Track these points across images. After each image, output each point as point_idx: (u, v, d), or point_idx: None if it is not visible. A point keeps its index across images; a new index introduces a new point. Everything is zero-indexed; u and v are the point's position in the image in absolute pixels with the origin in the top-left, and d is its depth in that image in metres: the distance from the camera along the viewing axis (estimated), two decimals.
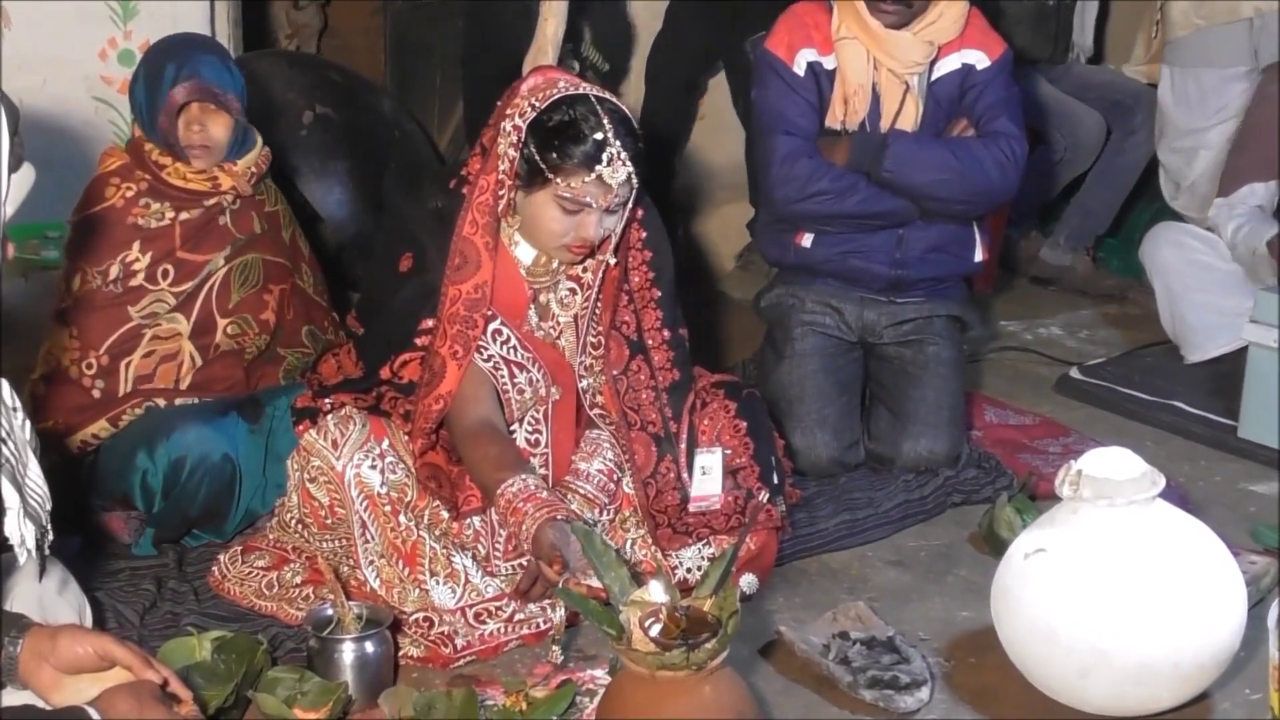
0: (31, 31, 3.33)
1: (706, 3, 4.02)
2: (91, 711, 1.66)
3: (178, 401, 2.64)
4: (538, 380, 2.45)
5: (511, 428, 2.45)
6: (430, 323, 2.38)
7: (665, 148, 4.15)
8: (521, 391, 2.44)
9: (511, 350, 2.43)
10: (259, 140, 2.74)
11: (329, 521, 2.41)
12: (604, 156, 2.27)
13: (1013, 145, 2.98)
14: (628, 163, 2.28)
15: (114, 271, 2.62)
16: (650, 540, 2.46)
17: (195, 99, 2.61)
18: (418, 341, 2.39)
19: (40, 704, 1.72)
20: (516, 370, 2.43)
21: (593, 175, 2.27)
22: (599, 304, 2.47)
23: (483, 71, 3.70)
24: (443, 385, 2.35)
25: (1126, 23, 4.70)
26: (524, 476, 2.27)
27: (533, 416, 2.48)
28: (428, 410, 2.36)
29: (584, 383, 2.49)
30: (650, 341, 2.51)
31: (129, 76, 3.39)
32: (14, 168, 1.57)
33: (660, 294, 2.52)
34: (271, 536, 2.52)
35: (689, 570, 2.45)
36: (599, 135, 2.27)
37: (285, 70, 3.58)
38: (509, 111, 2.34)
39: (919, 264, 3.05)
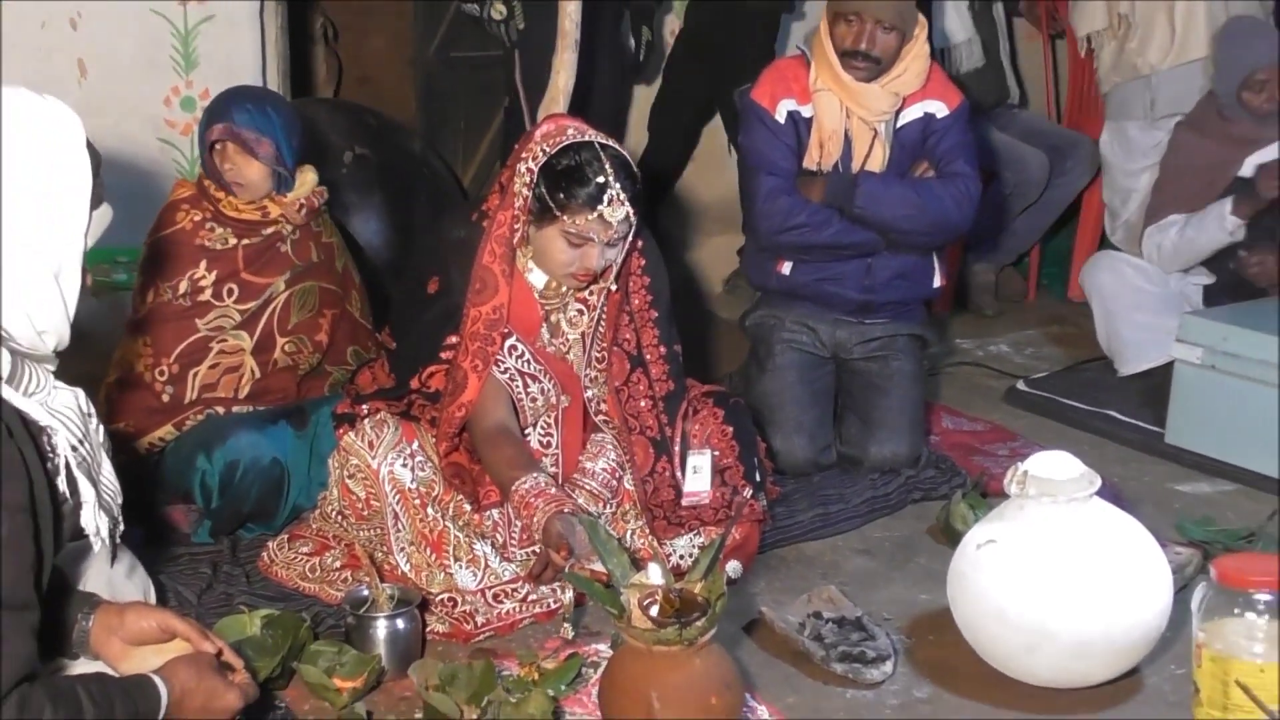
0: (105, 80, 3.34)
1: (702, 62, 4.04)
2: (156, 679, 1.67)
3: (234, 409, 2.65)
4: (548, 390, 2.46)
5: (526, 431, 2.46)
6: (454, 339, 2.38)
7: (662, 188, 4.17)
8: (534, 400, 2.44)
9: (525, 363, 2.43)
10: (309, 178, 2.73)
11: (365, 513, 2.41)
12: (605, 197, 2.27)
13: (969, 184, 2.99)
14: (626, 202, 2.29)
15: (183, 286, 2.62)
16: (648, 530, 2.46)
17: (225, 139, 2.61)
18: (443, 355, 2.40)
19: (110, 672, 1.72)
20: (530, 381, 2.44)
21: (595, 213, 2.28)
22: (603, 323, 2.48)
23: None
24: (465, 395, 2.35)
25: (1034, 72, 4.73)
26: (536, 475, 2.27)
27: (545, 421, 2.49)
28: (451, 417, 2.36)
29: (590, 392, 2.49)
30: (648, 356, 2.52)
31: (190, 120, 3.43)
32: (94, 205, 1.59)
33: (657, 314, 2.53)
34: (314, 526, 2.52)
35: (682, 557, 2.46)
36: (601, 178, 2.27)
37: (328, 115, 3.59)
38: (524, 155, 2.35)
39: (885, 289, 3.06)
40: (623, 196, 2.28)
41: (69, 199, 1.53)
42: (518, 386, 2.42)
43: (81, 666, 1.81)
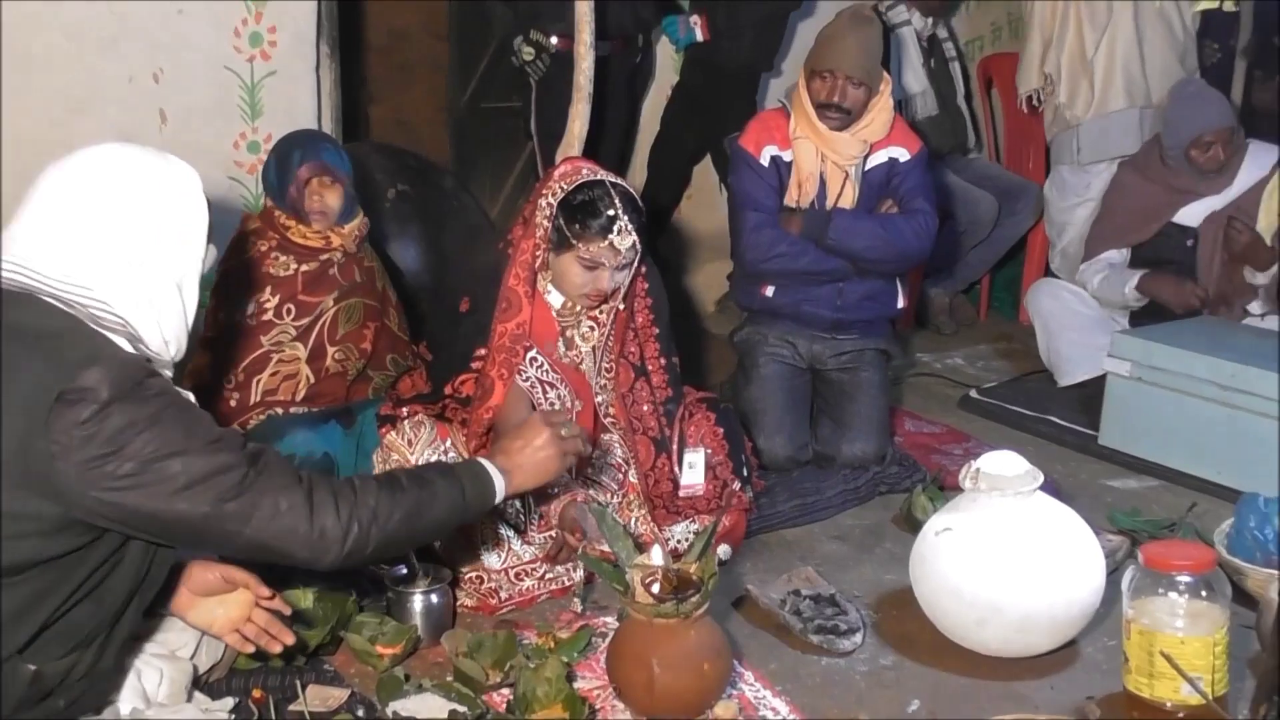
0: (183, 126, 3.34)
1: (694, 113, 4.07)
2: (491, 471, 1.79)
3: (292, 410, 2.64)
4: (564, 395, 2.45)
5: None
6: (482, 351, 2.38)
7: (661, 221, 4.18)
8: (552, 404, 2.44)
9: (544, 373, 2.43)
10: (360, 210, 2.74)
11: None
12: (615, 228, 2.27)
13: (927, 220, 2.99)
14: (632, 232, 2.29)
15: (250, 308, 2.62)
16: (649, 518, 2.46)
17: (316, 174, 2.62)
18: (473, 365, 2.39)
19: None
20: (548, 388, 2.43)
21: (605, 241, 2.28)
22: (611, 338, 2.47)
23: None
24: (492, 399, 2.35)
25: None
26: None
27: None
28: (479, 419, 2.35)
29: (600, 398, 2.49)
30: (650, 367, 2.51)
31: (255, 161, 3.43)
32: (207, 240, 1.66)
33: (659, 330, 2.52)
34: None
35: (679, 541, 2.45)
36: (611, 211, 2.27)
37: (374, 156, 3.58)
38: (544, 191, 2.35)
39: (855, 309, 3.06)
40: (630, 227, 2.28)
41: (190, 231, 1.61)
42: (537, 393, 2.42)
43: (170, 627, 1.81)
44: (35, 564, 1.48)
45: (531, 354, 2.40)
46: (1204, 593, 1.93)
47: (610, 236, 2.27)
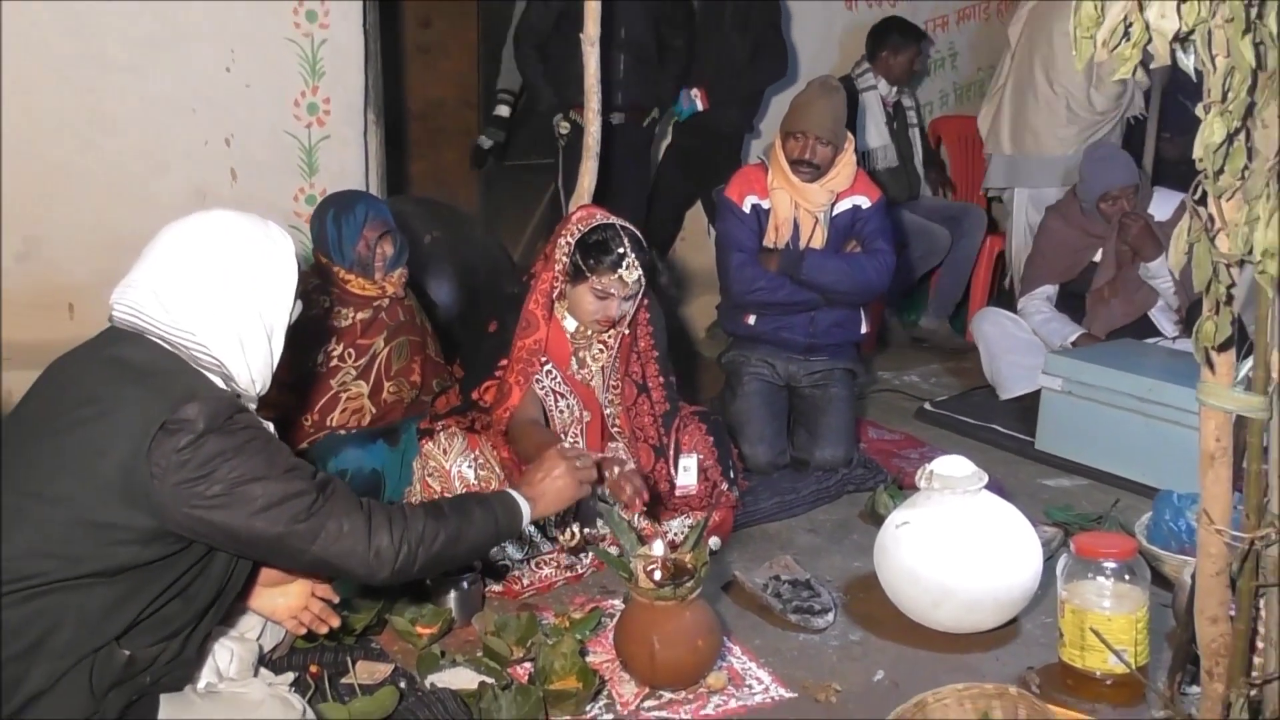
0: (250, 182, 3.37)
1: (685, 168, 4.10)
2: (517, 497, 1.76)
3: (352, 429, 2.60)
4: (573, 406, 2.46)
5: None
6: (504, 362, 2.39)
7: (656, 256, 4.21)
8: (561, 413, 2.44)
9: (556, 384, 2.44)
10: (406, 255, 2.70)
11: None
12: (623, 263, 2.29)
13: (887, 258, 3.00)
14: (638, 268, 2.31)
15: (319, 357, 2.57)
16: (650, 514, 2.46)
17: (380, 230, 2.58)
18: (496, 374, 2.40)
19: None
20: (559, 398, 2.44)
21: (615, 275, 2.30)
22: (618, 359, 2.49)
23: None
24: (509, 401, 2.35)
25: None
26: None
27: (572, 432, 2.48)
28: (499, 419, 2.36)
29: (607, 410, 2.50)
30: (651, 384, 2.52)
31: (311, 212, 3.44)
32: (296, 295, 1.66)
33: (658, 353, 2.53)
34: None
35: (675, 534, 2.44)
36: (620, 249, 2.30)
37: (413, 208, 3.60)
38: (564, 232, 2.37)
39: (825, 334, 3.06)
40: (636, 263, 2.31)
41: (282, 289, 1.63)
42: (549, 401, 2.43)
43: (239, 613, 1.82)
44: (132, 566, 1.49)
45: (547, 367, 2.41)
46: (1127, 577, 1.93)
47: (619, 270, 2.29)
